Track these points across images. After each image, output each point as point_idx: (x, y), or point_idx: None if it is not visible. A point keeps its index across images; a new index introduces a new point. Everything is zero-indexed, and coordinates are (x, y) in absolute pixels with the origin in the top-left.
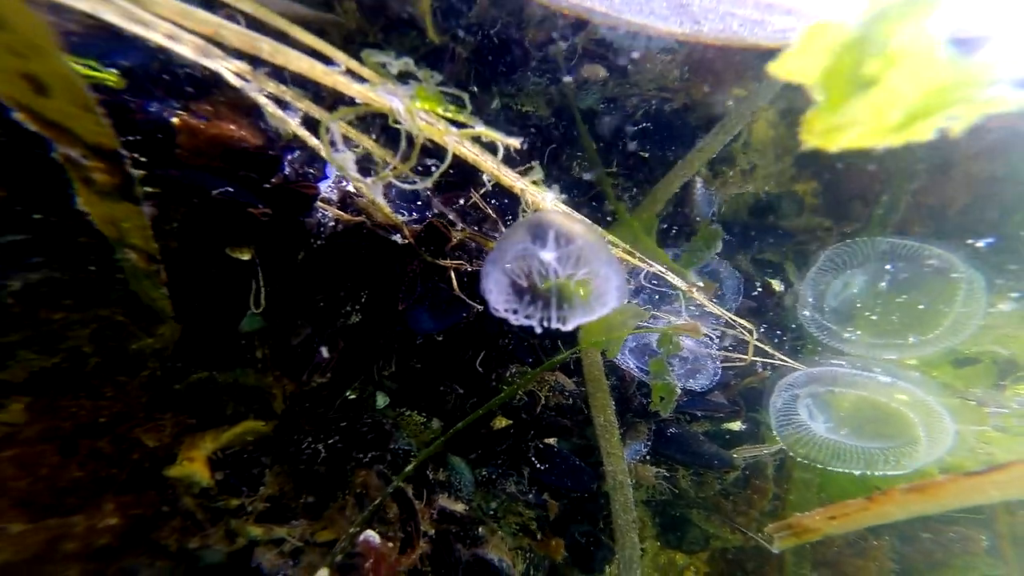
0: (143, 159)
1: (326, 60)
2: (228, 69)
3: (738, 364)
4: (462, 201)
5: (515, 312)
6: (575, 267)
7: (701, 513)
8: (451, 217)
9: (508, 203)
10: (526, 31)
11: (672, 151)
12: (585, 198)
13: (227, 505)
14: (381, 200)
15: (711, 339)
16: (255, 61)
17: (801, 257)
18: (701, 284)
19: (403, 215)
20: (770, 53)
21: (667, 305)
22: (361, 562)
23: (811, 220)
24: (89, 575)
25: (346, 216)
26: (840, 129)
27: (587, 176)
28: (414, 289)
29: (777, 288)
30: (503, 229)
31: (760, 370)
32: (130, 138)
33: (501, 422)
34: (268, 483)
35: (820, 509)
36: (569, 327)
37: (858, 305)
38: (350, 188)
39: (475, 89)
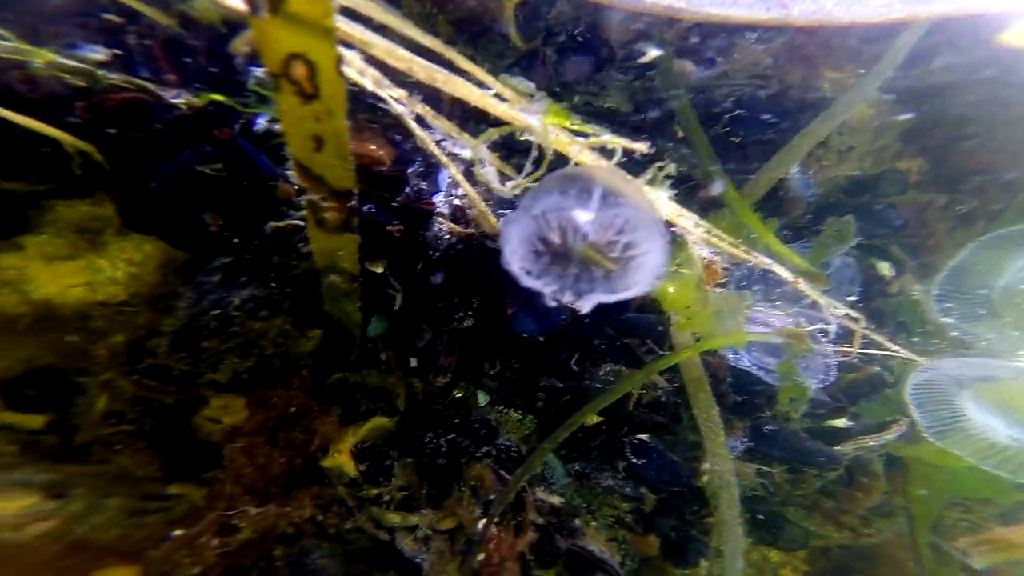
0: None
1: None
2: (391, 96)
3: (843, 357)
4: None
5: (528, 273)
6: (615, 235)
7: (799, 510)
8: None
9: None
10: (610, 30)
11: (768, 135)
12: (681, 190)
13: (368, 494)
14: (489, 212)
15: (821, 335)
16: (407, 85)
17: (910, 240)
18: (808, 275)
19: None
20: (876, 32)
21: (767, 297)
22: (486, 543)
23: (919, 197)
24: (283, 556)
25: (459, 228)
26: None
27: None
28: (519, 294)
29: (886, 273)
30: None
31: (866, 364)
32: None
33: (593, 418)
34: (398, 475)
35: None
36: (585, 307)
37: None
38: (457, 201)
39: (557, 89)
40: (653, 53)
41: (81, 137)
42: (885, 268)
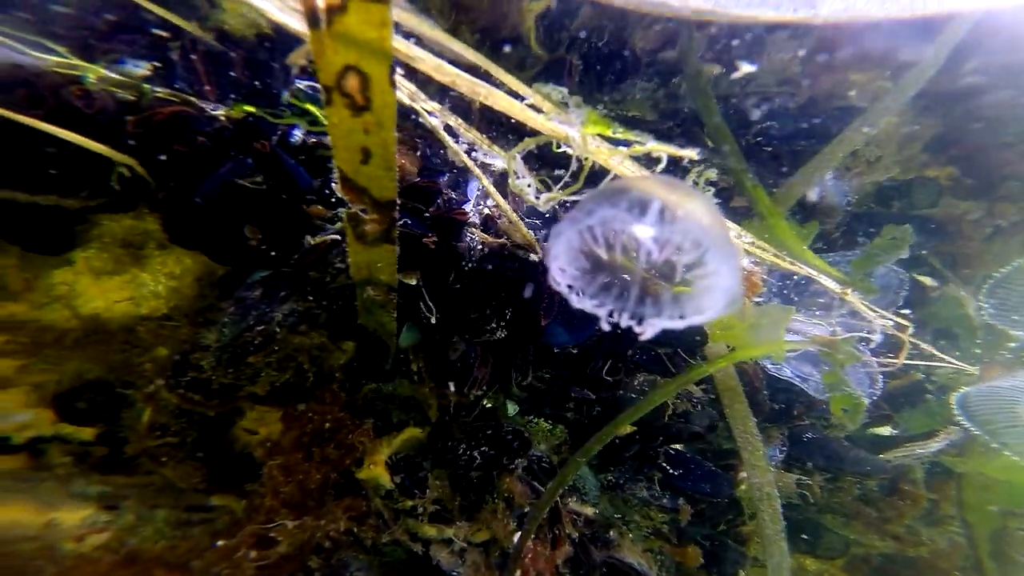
0: None
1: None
2: (424, 109)
3: (887, 368)
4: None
5: (579, 294)
6: (679, 254)
7: (837, 518)
8: None
9: None
10: (635, 38)
11: (801, 145)
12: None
13: (404, 506)
14: (521, 222)
15: (863, 344)
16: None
17: (948, 249)
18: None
19: (533, 232)
20: (905, 33)
21: (807, 307)
22: (523, 557)
23: (953, 206)
24: (319, 568)
25: (490, 239)
26: None
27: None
28: (553, 305)
29: (929, 284)
30: None
31: (910, 372)
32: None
33: (627, 428)
34: (431, 486)
35: None
36: (648, 332)
37: None
38: (487, 211)
39: (580, 98)
40: (746, 68)
41: (129, 151)
42: (927, 279)
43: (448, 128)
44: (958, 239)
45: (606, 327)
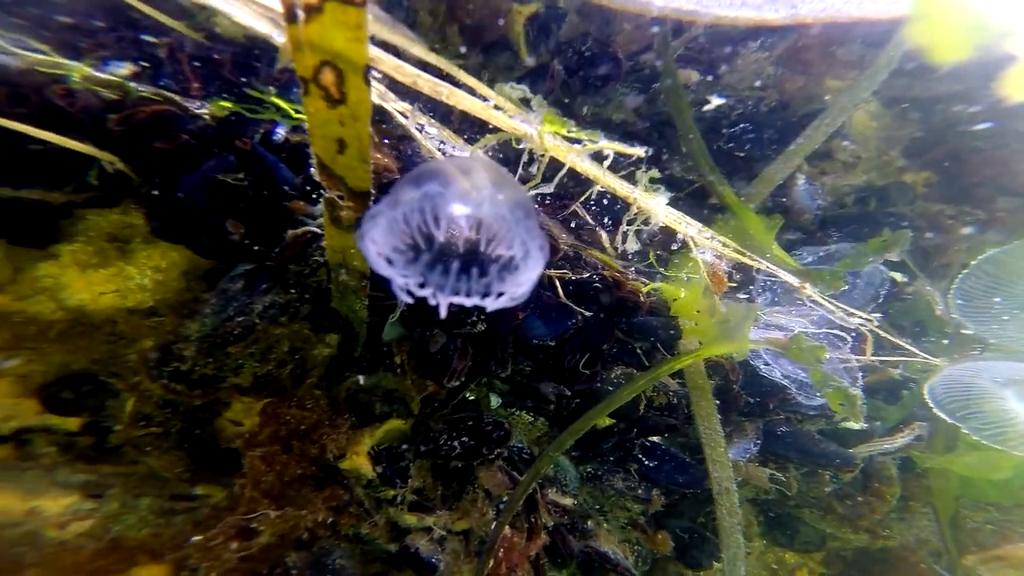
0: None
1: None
2: (396, 110)
3: (860, 362)
4: (565, 212)
5: (402, 274)
6: (489, 233)
7: (815, 512)
8: (555, 229)
9: (607, 208)
10: (617, 42)
11: (772, 149)
12: (685, 196)
13: (385, 496)
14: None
15: (843, 342)
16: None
17: (920, 248)
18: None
19: None
20: (879, 37)
21: (787, 304)
22: (496, 549)
23: (928, 207)
24: (302, 559)
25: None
26: None
27: (689, 176)
28: (531, 299)
29: (900, 279)
30: (603, 235)
31: (884, 367)
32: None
33: (605, 421)
34: (413, 476)
35: None
36: (441, 308)
37: None
38: None
39: (566, 100)
40: (717, 102)
41: (112, 148)
42: (898, 276)
43: (421, 127)
44: (930, 238)
45: (434, 302)
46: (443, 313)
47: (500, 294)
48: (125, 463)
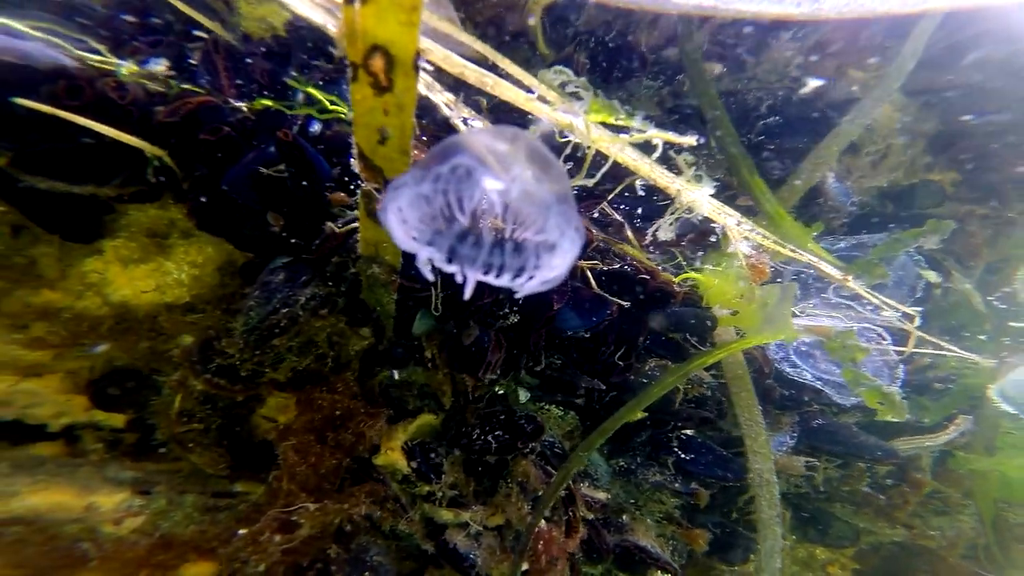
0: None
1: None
2: (443, 102)
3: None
4: (596, 208)
5: (427, 243)
6: (523, 211)
7: (847, 507)
8: (584, 221)
9: (635, 204)
10: (640, 36)
11: (803, 141)
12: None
13: (420, 491)
14: None
15: (882, 337)
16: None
17: (952, 247)
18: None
19: None
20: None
21: (825, 300)
22: (534, 543)
23: (957, 207)
24: (341, 552)
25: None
26: None
27: (716, 174)
28: (565, 290)
29: (934, 279)
30: (628, 233)
31: (919, 360)
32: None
33: (637, 414)
34: (447, 471)
35: None
36: (468, 286)
37: None
38: None
39: (585, 79)
40: (813, 84)
41: (157, 142)
42: (931, 275)
43: (465, 120)
44: (961, 237)
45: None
46: (468, 292)
47: (531, 277)
48: (168, 460)
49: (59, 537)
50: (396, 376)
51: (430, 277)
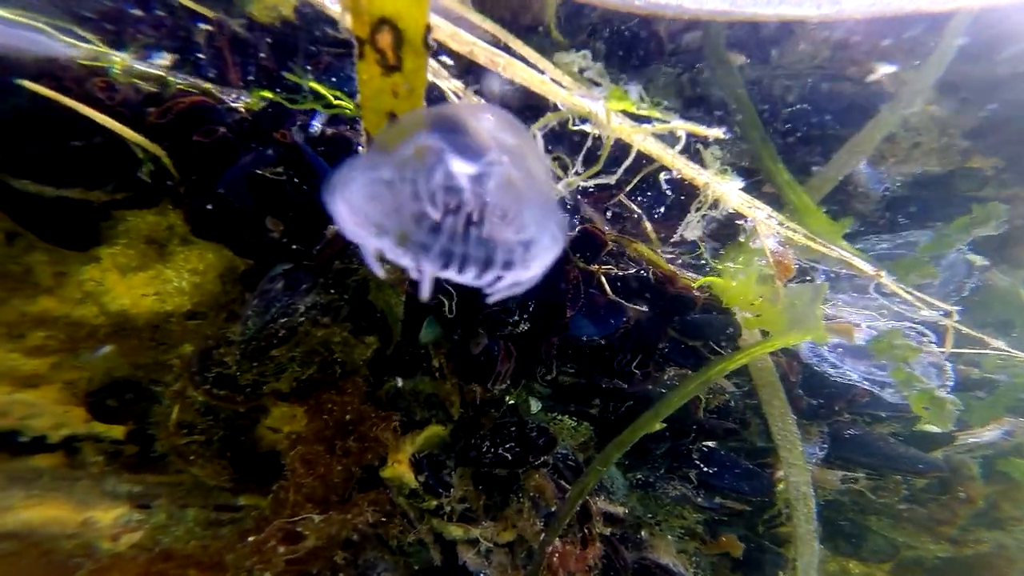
0: None
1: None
2: (450, 89)
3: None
4: (610, 203)
5: (376, 224)
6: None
7: (883, 520)
8: (599, 222)
9: (653, 198)
10: (659, 22)
11: (836, 129)
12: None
13: (428, 506)
14: None
15: (925, 336)
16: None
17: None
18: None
19: None
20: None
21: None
22: (549, 560)
23: (999, 192)
24: (346, 564)
25: None
26: None
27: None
28: (579, 296)
29: (979, 263)
30: (647, 225)
31: (965, 362)
32: None
33: (656, 425)
34: (456, 485)
35: None
36: (424, 283)
37: None
38: None
39: (602, 66)
40: (883, 70)
41: (152, 143)
42: (978, 259)
43: None
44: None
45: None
46: (426, 293)
47: (499, 276)
48: (170, 472)
49: (54, 552)
50: (401, 384)
51: (379, 273)
